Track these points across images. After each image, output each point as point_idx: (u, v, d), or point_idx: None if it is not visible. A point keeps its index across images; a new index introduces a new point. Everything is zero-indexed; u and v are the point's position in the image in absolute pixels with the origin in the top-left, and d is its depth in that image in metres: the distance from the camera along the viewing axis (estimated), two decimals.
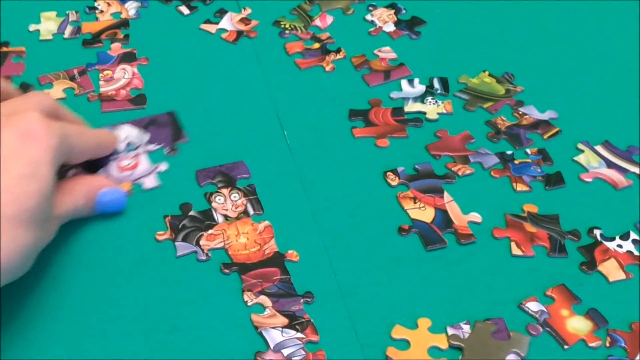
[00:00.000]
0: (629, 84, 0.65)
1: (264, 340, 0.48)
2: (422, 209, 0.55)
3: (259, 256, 0.52)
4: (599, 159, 0.58)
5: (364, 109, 0.61)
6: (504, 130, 0.60)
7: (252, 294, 0.50)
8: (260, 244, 0.53)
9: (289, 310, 0.49)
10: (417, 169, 0.57)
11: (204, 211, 0.54)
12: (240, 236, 0.53)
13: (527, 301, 0.50)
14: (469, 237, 0.53)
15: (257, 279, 0.51)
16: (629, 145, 0.59)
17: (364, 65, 0.65)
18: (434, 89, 0.63)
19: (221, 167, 0.57)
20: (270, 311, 0.49)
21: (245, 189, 0.56)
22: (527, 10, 0.71)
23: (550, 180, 0.57)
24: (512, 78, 0.64)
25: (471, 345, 0.48)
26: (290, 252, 0.52)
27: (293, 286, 0.50)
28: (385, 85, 0.64)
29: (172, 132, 0.60)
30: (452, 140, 0.59)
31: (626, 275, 0.51)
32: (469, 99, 0.63)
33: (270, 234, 0.53)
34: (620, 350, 0.48)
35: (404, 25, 0.69)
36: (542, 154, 0.58)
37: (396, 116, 0.61)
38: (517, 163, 0.58)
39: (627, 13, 0.71)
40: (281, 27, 0.68)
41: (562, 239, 0.53)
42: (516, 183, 0.56)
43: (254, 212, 0.54)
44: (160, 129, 0.60)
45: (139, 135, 0.59)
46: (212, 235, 0.53)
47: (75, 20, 0.69)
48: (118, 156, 0.57)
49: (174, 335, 0.48)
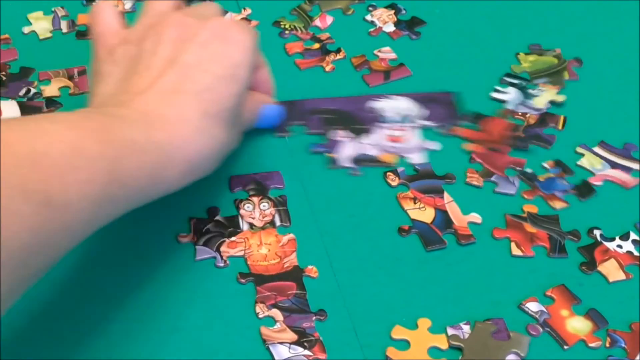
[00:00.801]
0: (617, 82, 0.65)
1: (270, 354, 0.47)
2: (422, 210, 0.55)
3: (278, 269, 0.51)
4: (601, 160, 0.58)
5: (484, 115, 0.60)
6: (524, 136, 0.59)
7: (265, 306, 0.49)
8: (281, 256, 0.52)
9: (300, 326, 0.48)
10: (417, 169, 0.57)
11: (231, 217, 0.54)
12: (262, 246, 0.52)
13: (527, 301, 0.50)
14: (469, 237, 0.53)
15: (272, 291, 0.50)
16: (625, 143, 0.59)
17: (364, 66, 0.65)
18: (518, 84, 0.63)
19: (256, 175, 0.56)
20: (281, 325, 0.48)
21: (276, 199, 0.55)
22: (526, 10, 0.71)
23: (582, 191, 0.56)
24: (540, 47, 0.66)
25: (471, 345, 0.48)
26: (310, 267, 0.51)
27: (307, 302, 0.49)
28: (385, 86, 0.64)
29: (451, 112, 0.60)
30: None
31: (626, 276, 0.51)
32: (551, 79, 0.63)
33: (293, 247, 0.52)
34: (620, 351, 0.48)
35: (404, 25, 0.69)
36: (560, 166, 0.57)
37: (511, 131, 0.59)
38: (542, 180, 0.57)
39: (625, 14, 0.71)
40: (281, 27, 0.68)
41: (562, 239, 0.53)
42: (552, 201, 0.55)
43: (281, 224, 0.54)
44: (440, 107, 0.60)
45: (416, 109, 0.59)
46: (234, 243, 0.52)
47: (65, 15, 0.69)
48: (390, 125, 0.57)
49: (177, 335, 0.48)
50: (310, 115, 0.60)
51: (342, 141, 0.58)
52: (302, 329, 0.48)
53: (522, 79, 0.64)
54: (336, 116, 0.60)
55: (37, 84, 0.63)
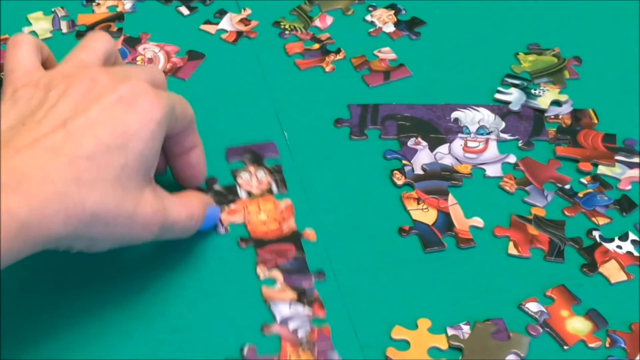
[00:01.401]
0: (618, 79, 0.65)
1: (271, 313, 0.49)
2: (424, 211, 0.55)
3: (277, 233, 0.53)
4: (616, 163, 0.58)
5: (574, 129, 0.60)
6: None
7: (266, 267, 0.51)
8: (280, 221, 0.54)
9: (300, 286, 0.50)
10: (425, 169, 0.57)
11: (229, 187, 0.56)
12: (261, 213, 0.54)
13: (526, 302, 0.50)
14: (469, 241, 0.53)
15: (272, 254, 0.52)
16: (624, 139, 0.59)
17: (364, 66, 0.65)
18: (519, 85, 0.63)
19: (252, 145, 0.58)
20: (281, 285, 0.50)
21: (272, 167, 0.57)
22: (524, 10, 0.71)
23: (624, 205, 0.55)
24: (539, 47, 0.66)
25: (471, 345, 0.48)
26: (309, 231, 0.53)
27: (306, 264, 0.51)
28: (384, 86, 0.64)
29: (532, 126, 0.60)
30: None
31: (627, 277, 0.51)
32: (552, 79, 0.64)
33: (291, 212, 0.54)
34: (620, 351, 0.48)
35: (404, 25, 0.69)
36: (598, 180, 0.57)
37: (607, 142, 0.59)
38: (582, 196, 0.56)
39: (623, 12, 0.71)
40: (281, 27, 0.68)
41: (562, 245, 0.53)
42: (595, 218, 0.55)
43: (278, 191, 0.55)
44: (520, 120, 0.60)
45: (494, 121, 0.59)
46: (234, 210, 0.54)
47: (65, 15, 0.69)
48: (467, 136, 0.57)
49: (181, 298, 0.50)
50: (386, 121, 0.60)
51: (417, 149, 0.58)
52: (302, 288, 0.50)
53: (523, 79, 0.64)
54: (413, 123, 0.60)
55: None
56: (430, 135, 0.59)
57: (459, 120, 0.60)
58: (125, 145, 0.44)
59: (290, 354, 0.47)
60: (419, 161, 0.57)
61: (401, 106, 0.61)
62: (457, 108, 0.61)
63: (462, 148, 0.58)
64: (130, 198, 0.44)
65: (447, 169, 0.57)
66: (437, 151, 0.58)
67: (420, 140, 0.58)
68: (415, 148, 0.58)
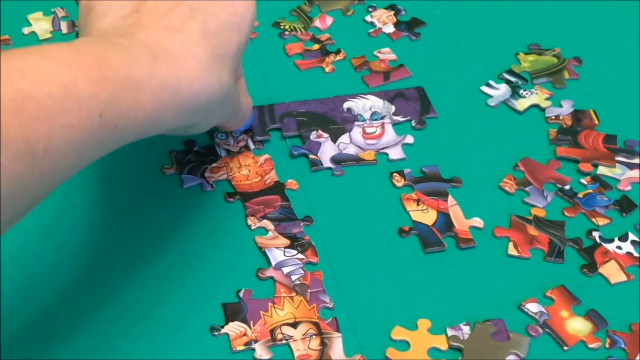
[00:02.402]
0: (618, 80, 0.65)
1: (266, 259, 0.51)
2: (424, 211, 0.55)
3: (261, 185, 0.56)
4: (616, 164, 0.58)
5: (575, 130, 0.60)
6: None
7: (255, 218, 0.54)
8: (261, 174, 0.56)
9: (290, 232, 0.53)
10: (424, 171, 0.57)
11: (208, 146, 0.58)
12: (242, 168, 0.57)
13: (526, 302, 0.50)
14: (469, 241, 0.53)
15: (260, 205, 0.54)
16: (625, 140, 0.59)
17: (364, 67, 0.65)
18: (513, 82, 0.63)
19: None
20: (273, 233, 0.53)
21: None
22: (525, 10, 0.71)
23: (624, 206, 0.55)
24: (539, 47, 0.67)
25: (471, 346, 0.48)
26: (290, 181, 0.56)
27: (293, 211, 0.54)
28: (384, 87, 0.64)
29: (420, 106, 0.61)
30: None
31: (627, 277, 0.51)
32: (551, 79, 0.64)
33: (271, 165, 0.57)
34: (620, 352, 0.48)
35: (404, 26, 0.69)
36: (598, 181, 0.57)
37: (608, 143, 0.59)
38: (581, 197, 0.56)
39: (623, 12, 0.71)
40: (281, 28, 0.68)
41: (562, 245, 0.53)
42: (595, 218, 0.54)
43: (255, 147, 0.58)
44: (407, 102, 0.62)
45: (384, 106, 0.60)
46: (216, 168, 0.56)
47: (65, 15, 0.69)
48: (362, 123, 0.59)
49: (181, 258, 0.52)
50: (284, 119, 0.60)
51: (320, 142, 0.59)
52: (293, 234, 0.53)
53: (521, 78, 0.64)
54: (310, 118, 0.60)
55: None
56: (330, 127, 0.60)
57: (351, 109, 0.61)
58: (238, 24, 0.47)
59: (283, 296, 0.49)
60: (325, 153, 0.58)
61: (294, 103, 0.62)
62: (347, 98, 0.62)
63: (362, 135, 0.59)
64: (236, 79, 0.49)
65: (352, 158, 0.58)
66: (339, 142, 0.59)
67: (321, 132, 0.59)
68: (318, 141, 0.59)
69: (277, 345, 0.47)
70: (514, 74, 0.64)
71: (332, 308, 0.49)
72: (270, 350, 0.47)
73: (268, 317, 0.48)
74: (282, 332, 0.48)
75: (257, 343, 0.47)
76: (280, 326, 0.48)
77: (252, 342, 0.47)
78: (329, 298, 0.49)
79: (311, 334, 0.48)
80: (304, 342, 0.47)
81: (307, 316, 0.48)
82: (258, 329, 0.48)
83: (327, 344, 0.47)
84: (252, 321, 0.48)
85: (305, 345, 0.47)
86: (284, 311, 0.49)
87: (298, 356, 0.47)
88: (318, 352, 0.47)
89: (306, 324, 0.48)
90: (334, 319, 0.48)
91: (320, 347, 0.47)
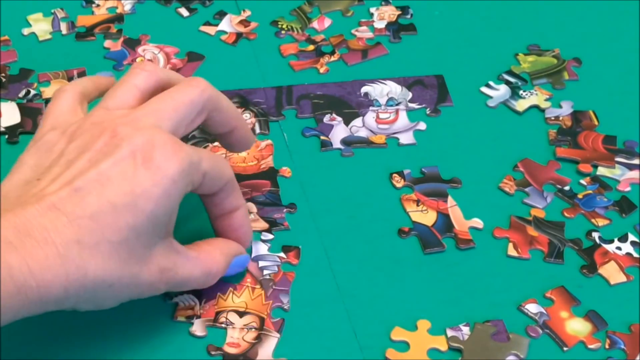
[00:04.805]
0: (617, 81, 0.65)
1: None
2: (424, 212, 0.55)
3: (255, 169, 0.57)
4: (616, 164, 0.58)
5: (574, 131, 0.60)
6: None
7: None
8: (259, 159, 0.57)
9: (271, 217, 0.54)
10: (424, 172, 0.57)
11: None
12: None
13: (526, 303, 0.50)
14: (468, 242, 0.53)
15: (248, 187, 0.55)
16: (625, 141, 0.59)
17: (342, 45, 0.66)
18: (513, 83, 0.64)
19: (240, 90, 0.62)
20: (254, 216, 0.54)
21: (257, 109, 0.60)
22: (524, 11, 0.71)
23: (623, 207, 0.55)
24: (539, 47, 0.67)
25: (470, 347, 0.48)
26: (284, 168, 0.57)
27: (279, 197, 0.55)
28: (363, 64, 0.65)
29: (437, 94, 0.62)
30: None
31: (627, 278, 0.51)
32: (550, 80, 0.64)
33: (270, 151, 0.58)
34: (620, 352, 0.48)
35: (396, 27, 0.68)
36: (597, 182, 0.57)
37: (607, 144, 0.59)
38: (581, 197, 0.56)
39: (623, 13, 0.71)
40: (278, 26, 0.68)
41: (562, 246, 0.53)
42: (594, 219, 0.54)
43: (260, 132, 0.59)
44: (425, 89, 0.63)
45: (401, 92, 0.61)
46: (217, 147, 0.57)
47: (65, 16, 0.69)
48: (377, 108, 0.59)
49: None
50: (300, 101, 0.61)
51: (333, 124, 0.60)
52: (273, 219, 0.54)
53: (521, 79, 0.64)
54: (326, 101, 0.61)
55: (36, 86, 0.63)
56: (344, 111, 0.61)
57: (368, 94, 0.62)
58: (134, 205, 0.41)
59: (247, 285, 0.50)
60: (336, 135, 0.59)
61: (313, 85, 0.63)
62: (366, 83, 0.63)
63: (375, 120, 0.60)
64: (135, 259, 0.42)
65: (363, 141, 0.59)
66: (352, 125, 0.60)
67: (335, 116, 0.60)
68: (331, 124, 0.60)
69: (216, 327, 0.48)
70: (514, 74, 0.64)
71: (287, 310, 0.49)
72: (207, 329, 0.48)
73: (222, 300, 0.49)
74: (227, 317, 0.48)
75: (198, 319, 0.48)
76: (228, 311, 0.49)
77: (194, 317, 0.48)
78: (288, 300, 0.49)
79: (252, 326, 0.48)
80: (241, 331, 0.48)
81: (258, 310, 0.49)
82: (207, 307, 0.49)
83: (261, 341, 0.48)
84: (205, 299, 0.49)
85: (241, 335, 0.48)
86: (240, 299, 0.49)
87: (228, 342, 0.47)
88: (249, 345, 0.47)
89: (252, 316, 0.49)
90: (282, 320, 0.48)
91: (254, 342, 0.47)
